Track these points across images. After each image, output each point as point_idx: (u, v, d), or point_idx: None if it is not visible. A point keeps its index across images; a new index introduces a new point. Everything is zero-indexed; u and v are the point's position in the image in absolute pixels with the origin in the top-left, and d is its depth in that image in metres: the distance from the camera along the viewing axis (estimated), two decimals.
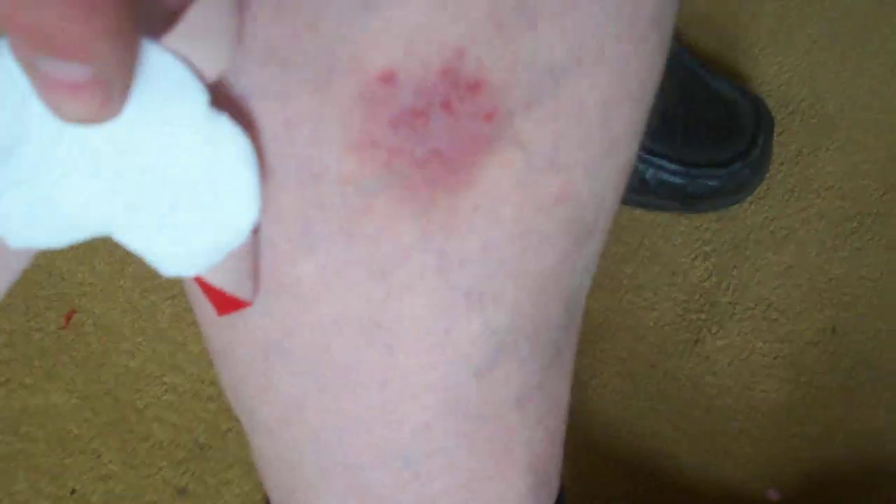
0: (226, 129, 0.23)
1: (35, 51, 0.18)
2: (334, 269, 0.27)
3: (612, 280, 0.77)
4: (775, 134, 0.83)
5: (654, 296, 0.77)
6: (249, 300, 0.28)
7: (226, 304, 0.28)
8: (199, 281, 0.26)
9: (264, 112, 0.24)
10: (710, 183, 0.77)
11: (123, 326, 0.72)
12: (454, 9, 0.23)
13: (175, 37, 0.22)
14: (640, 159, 0.77)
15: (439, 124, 0.25)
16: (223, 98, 0.24)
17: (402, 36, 0.23)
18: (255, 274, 0.28)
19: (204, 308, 0.31)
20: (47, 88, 0.19)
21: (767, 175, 0.81)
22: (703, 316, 0.76)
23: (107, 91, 0.20)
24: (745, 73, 0.86)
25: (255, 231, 0.27)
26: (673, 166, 0.77)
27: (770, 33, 0.87)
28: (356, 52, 0.23)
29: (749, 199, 0.80)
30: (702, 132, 0.78)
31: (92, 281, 0.73)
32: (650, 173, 0.77)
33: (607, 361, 0.75)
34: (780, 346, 0.76)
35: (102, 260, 0.74)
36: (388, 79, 0.24)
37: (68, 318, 0.72)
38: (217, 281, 0.27)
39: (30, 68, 0.19)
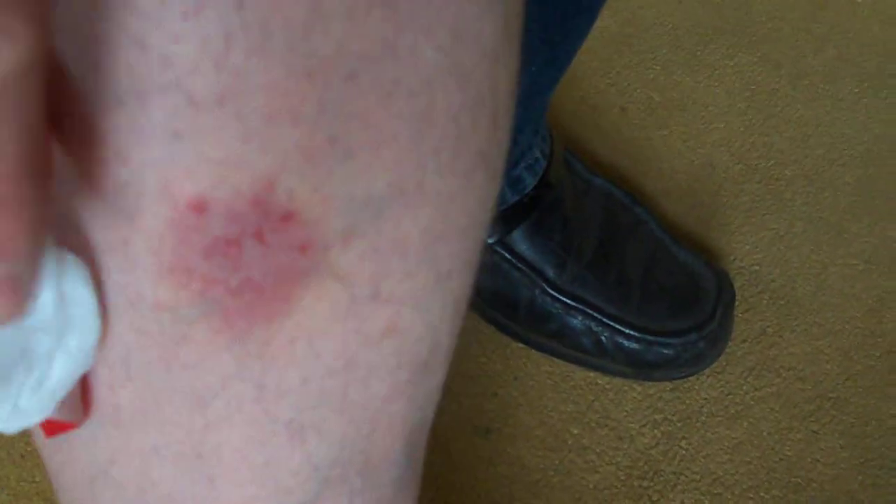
0: (70, 261, 0.24)
1: None
2: (153, 397, 0.27)
3: (557, 439, 0.77)
4: (741, 311, 0.83)
5: (598, 458, 0.76)
6: (77, 424, 0.28)
7: (53, 427, 0.28)
8: None
9: (81, 240, 0.25)
10: (665, 351, 0.78)
11: None
12: (263, 140, 0.23)
13: None
14: (597, 322, 0.78)
15: (252, 254, 0.24)
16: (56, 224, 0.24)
17: (211, 165, 0.23)
18: (84, 398, 0.28)
19: (38, 429, 0.31)
20: None
21: (728, 350, 0.81)
22: (645, 483, 0.75)
23: (20, 289, 0.20)
24: (718, 249, 0.87)
25: None
26: (628, 331, 0.78)
27: (747, 213, 0.89)
28: (166, 180, 0.23)
29: (706, 372, 0.80)
30: (661, 301, 0.79)
31: None
32: (606, 336, 0.78)
33: None
34: None
35: None
36: (199, 207, 0.24)
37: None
38: None
39: None
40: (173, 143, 0.23)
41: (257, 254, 0.24)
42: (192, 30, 0.22)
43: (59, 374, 0.24)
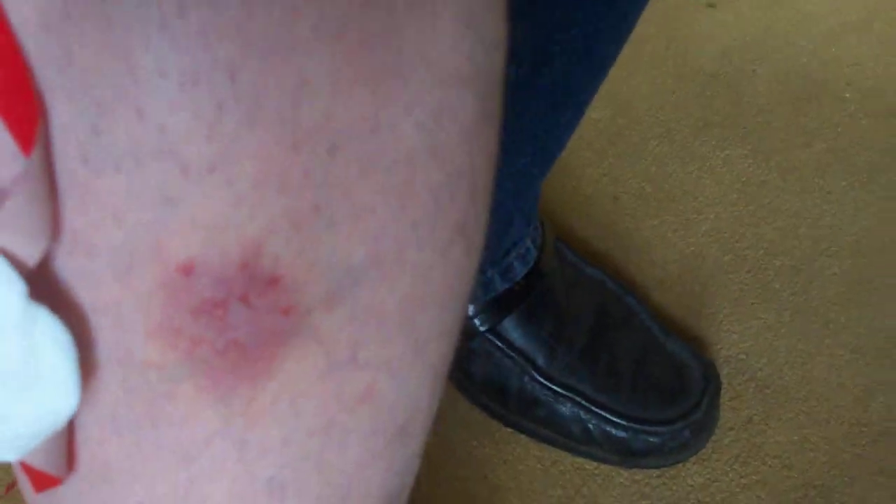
0: (44, 320, 0.24)
1: None
2: (140, 453, 0.28)
3: None
4: (728, 399, 0.85)
5: None
6: (62, 478, 0.29)
7: (42, 481, 0.28)
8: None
9: (74, 298, 0.25)
10: (652, 440, 0.79)
11: None
12: (251, 206, 0.24)
13: None
14: (586, 410, 0.79)
15: (238, 316, 0.25)
16: (45, 282, 0.25)
17: (200, 230, 0.24)
18: (68, 453, 0.28)
19: (25, 484, 0.31)
20: None
21: (714, 438, 0.82)
22: None
23: None
24: (707, 337, 0.89)
25: None
26: (616, 419, 0.79)
27: (736, 303, 0.91)
28: (157, 243, 0.24)
29: (693, 459, 0.81)
30: (648, 390, 0.81)
31: None
32: (593, 424, 0.79)
33: None
34: None
35: None
36: (188, 270, 0.25)
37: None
38: (31, 459, 0.27)
39: None
40: (166, 207, 0.24)
41: (243, 316, 0.25)
42: (187, 100, 0.23)
43: (23, 427, 0.25)
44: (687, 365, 0.82)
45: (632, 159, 1.00)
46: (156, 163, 0.23)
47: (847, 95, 1.06)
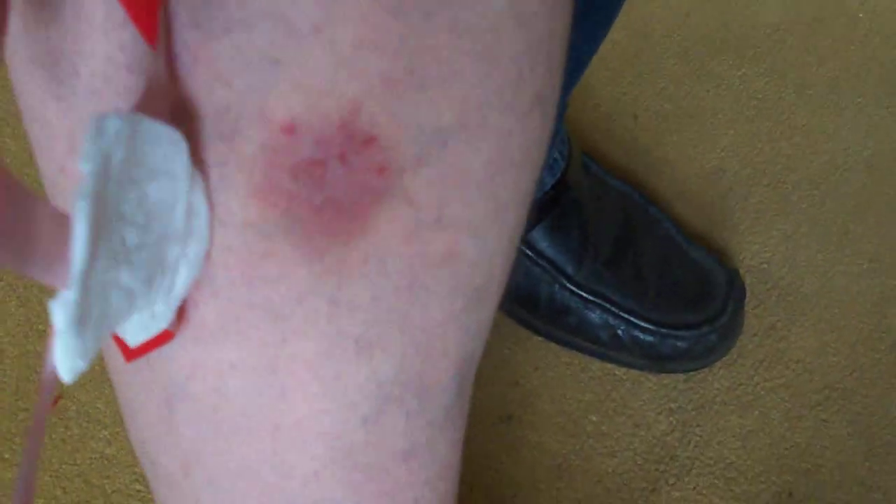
0: (196, 175, 0.26)
1: None
2: (235, 312, 0.28)
3: (576, 426, 0.80)
4: (751, 307, 0.87)
5: (616, 444, 0.80)
6: (175, 332, 0.29)
7: (141, 346, 0.29)
8: None
9: None
10: (679, 344, 0.81)
11: (105, 416, 0.77)
12: (352, 68, 0.25)
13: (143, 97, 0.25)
14: (614, 316, 0.81)
15: (335, 174, 0.26)
16: None
17: (303, 90, 0.25)
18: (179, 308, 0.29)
19: (115, 361, 0.33)
20: None
21: (739, 344, 0.85)
22: (661, 467, 0.79)
23: None
24: (728, 248, 0.91)
25: None
26: (644, 324, 0.81)
27: (757, 214, 0.92)
28: (263, 103, 0.25)
29: (718, 364, 0.84)
30: (675, 296, 0.83)
31: (83, 371, 0.79)
32: (622, 330, 0.81)
33: (563, 501, 0.77)
34: None
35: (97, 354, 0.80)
36: (290, 130, 0.25)
37: (55, 402, 0.77)
38: None
39: None
40: (271, 68, 0.25)
41: (340, 174, 0.26)
42: None
43: (183, 281, 0.26)
44: (710, 271, 0.84)
45: (650, 78, 1.01)
46: (263, 24, 0.24)
47: (861, 16, 1.07)
